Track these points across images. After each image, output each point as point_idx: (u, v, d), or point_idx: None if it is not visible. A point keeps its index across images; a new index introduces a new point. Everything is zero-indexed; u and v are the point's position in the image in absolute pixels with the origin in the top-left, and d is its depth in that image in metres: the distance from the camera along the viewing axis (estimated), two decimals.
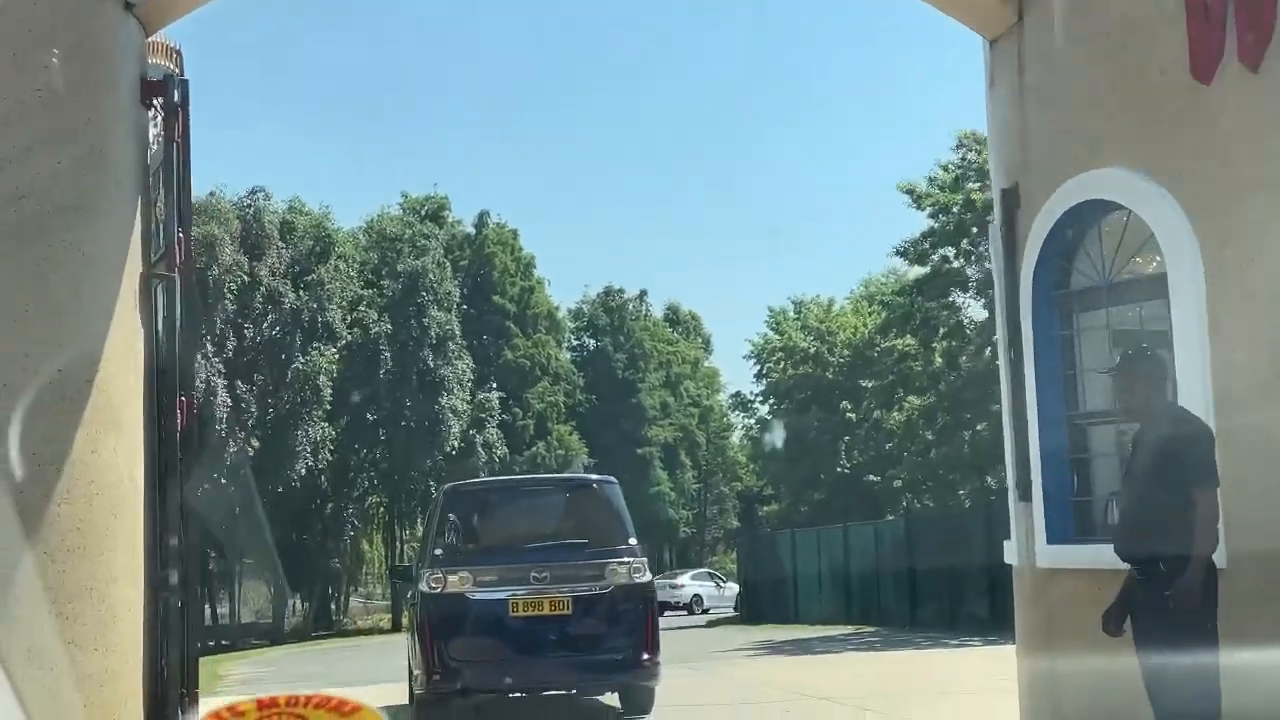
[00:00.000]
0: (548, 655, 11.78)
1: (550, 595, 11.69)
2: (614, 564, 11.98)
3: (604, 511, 12.63)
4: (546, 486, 15.20)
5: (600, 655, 11.87)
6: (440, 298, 56.74)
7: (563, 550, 12.10)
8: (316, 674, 28.57)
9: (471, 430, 57.65)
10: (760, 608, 43.96)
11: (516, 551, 12.08)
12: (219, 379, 48.93)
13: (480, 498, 13.48)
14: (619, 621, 11.93)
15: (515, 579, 11.73)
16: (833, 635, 30.82)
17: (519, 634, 11.67)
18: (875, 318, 45.19)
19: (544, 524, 12.66)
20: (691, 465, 76.12)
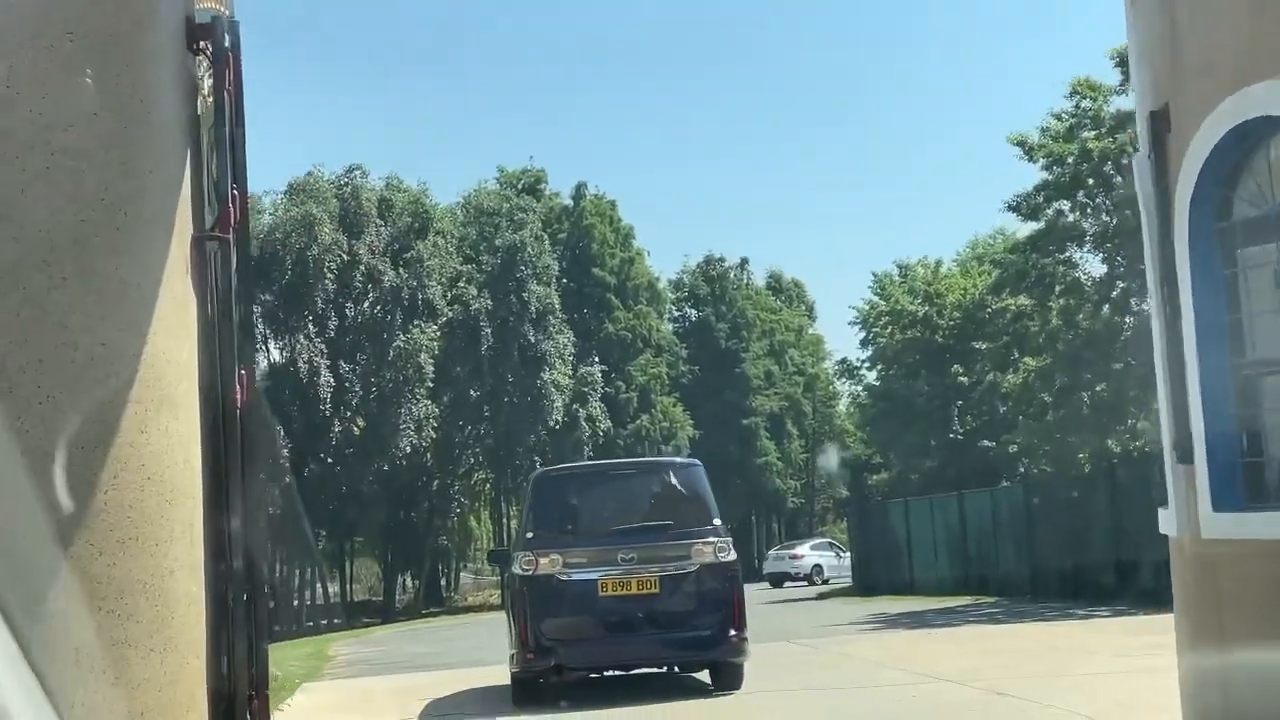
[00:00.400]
0: (637, 633, 12.22)
1: (638, 575, 12.14)
2: (699, 544, 12.38)
3: (688, 493, 13.02)
4: (632, 470, 15.34)
5: (688, 633, 12.23)
6: (539, 271, 56.22)
7: (649, 531, 12.45)
8: (424, 655, 28.16)
9: (574, 405, 57.16)
10: (873, 578, 42.90)
11: (605, 533, 12.49)
12: (321, 359, 48.99)
13: (569, 483, 13.91)
14: (706, 599, 12.29)
15: (604, 560, 12.17)
16: (951, 607, 29.75)
17: (609, 613, 12.17)
18: (986, 278, 43.76)
19: (631, 507, 12.98)
20: (798, 435, 75.00)
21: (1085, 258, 29.74)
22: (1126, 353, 27.86)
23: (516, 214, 57.08)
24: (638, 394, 62.34)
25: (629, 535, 12.43)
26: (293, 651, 34.90)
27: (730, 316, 71.46)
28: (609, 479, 14.24)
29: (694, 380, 68.67)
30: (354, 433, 50.37)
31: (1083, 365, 30.91)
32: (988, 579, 34.03)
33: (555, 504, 13.08)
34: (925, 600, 33.45)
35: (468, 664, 21.14)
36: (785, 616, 31.58)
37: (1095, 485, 29.93)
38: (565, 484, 13.94)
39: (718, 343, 70.41)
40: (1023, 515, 32.39)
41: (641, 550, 12.26)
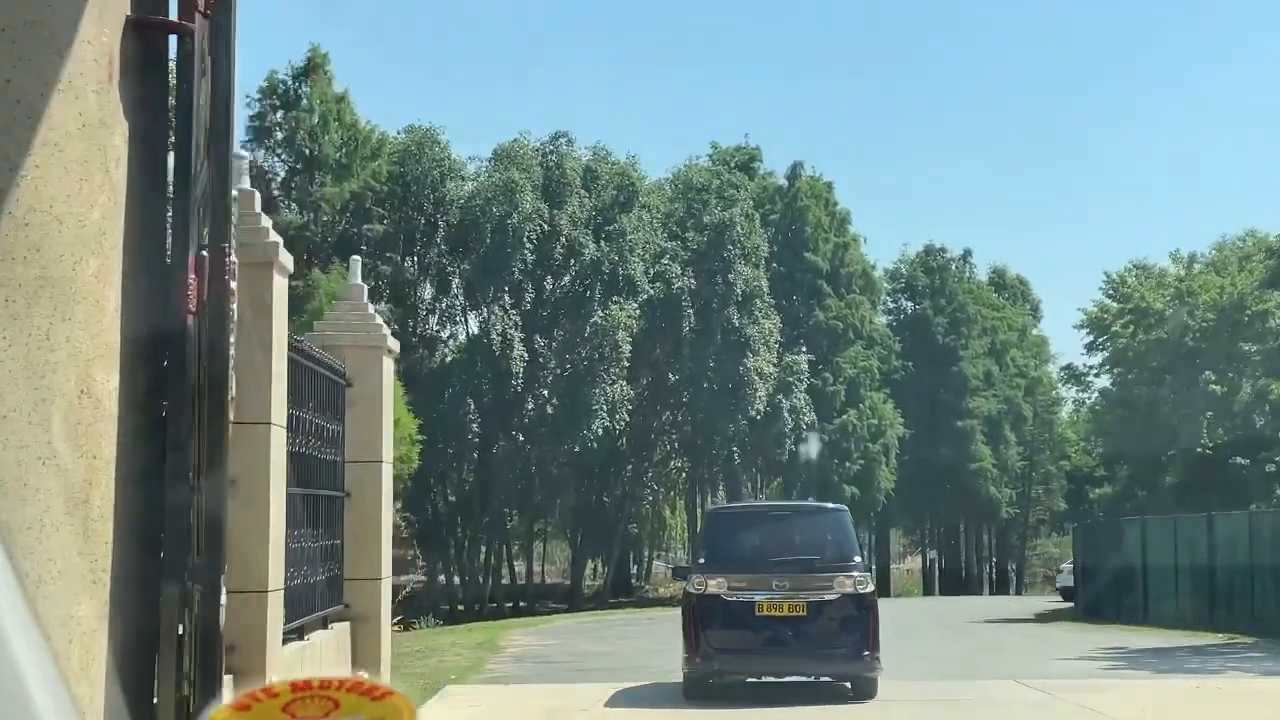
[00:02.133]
0: (786, 647, 14.23)
1: (790, 599, 14.21)
2: (841, 576, 14.38)
3: (835, 533, 15.23)
4: (789, 511, 17.50)
5: (829, 649, 14.22)
6: (748, 252, 53.21)
7: (800, 564, 14.59)
8: (596, 656, 25.69)
9: (778, 394, 54.03)
10: (1100, 603, 38.71)
11: (764, 563, 14.63)
12: (516, 332, 46.92)
13: (737, 518, 16.78)
14: (845, 623, 14.24)
15: (762, 585, 14.31)
16: (1201, 645, 25.76)
17: (763, 629, 14.22)
18: (1248, 275, 39.13)
19: (787, 542, 15.14)
20: (1016, 441, 70.30)
21: None
22: None
23: (727, 190, 54.12)
24: (845, 387, 58.80)
25: (784, 566, 14.62)
26: (465, 638, 32.87)
27: (949, 311, 67.26)
28: (770, 518, 16.71)
29: (906, 376, 64.78)
30: (546, 410, 48.17)
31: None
32: (1238, 615, 29.76)
33: (725, 535, 15.60)
34: (1165, 634, 29.38)
35: (639, 672, 19.21)
36: (1005, 642, 28.00)
37: None
38: (734, 519, 16.91)
39: (934, 338, 66.32)
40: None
41: (793, 579, 14.42)
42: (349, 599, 13.19)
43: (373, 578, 13.48)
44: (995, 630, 33.06)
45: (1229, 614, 30.38)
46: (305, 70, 48.29)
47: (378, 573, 13.53)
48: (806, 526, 16.03)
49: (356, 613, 13.26)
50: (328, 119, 49.03)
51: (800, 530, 15.85)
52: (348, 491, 13.18)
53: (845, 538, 15.35)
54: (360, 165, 49.48)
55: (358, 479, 13.30)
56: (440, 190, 47.94)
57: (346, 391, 13.21)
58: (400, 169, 48.40)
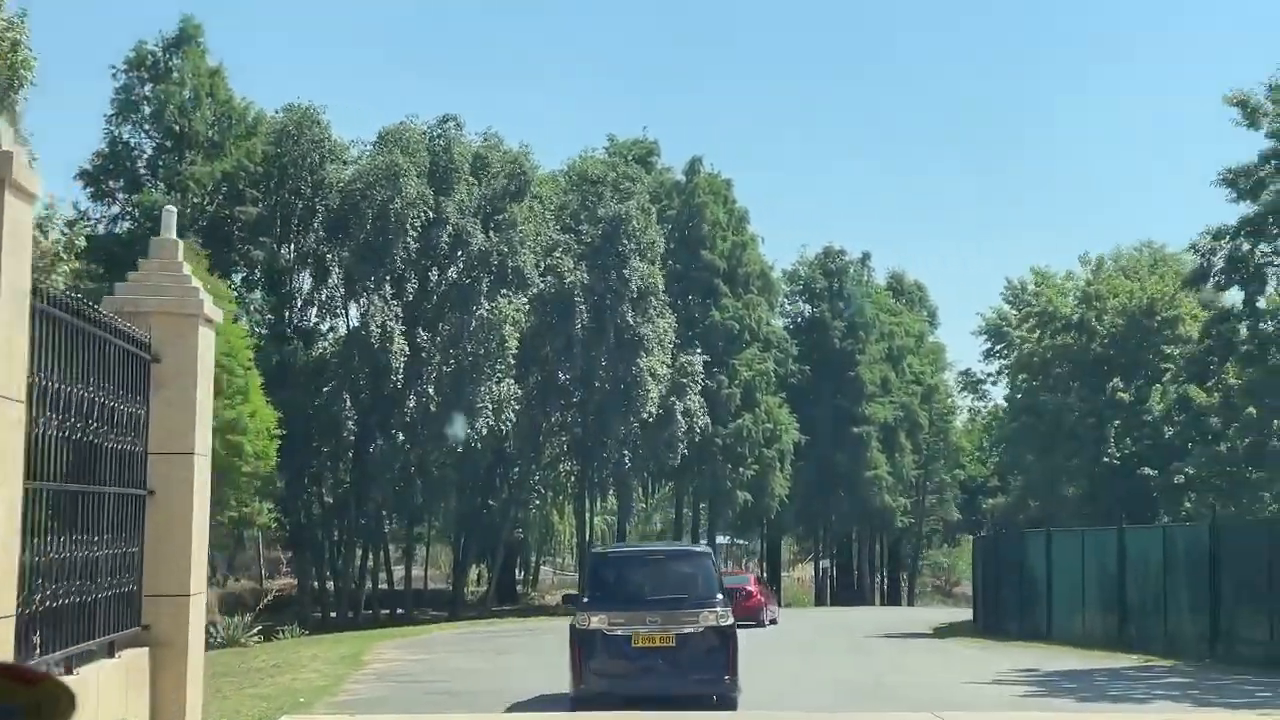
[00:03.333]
0: (658, 674, 16.14)
1: (661, 632, 16.06)
2: (705, 612, 16.26)
3: (701, 574, 17.03)
4: (661, 555, 19.19)
5: (695, 675, 16.18)
6: (643, 248, 51.16)
7: (670, 602, 16.41)
8: (469, 674, 23.46)
9: (671, 396, 52.04)
10: (1000, 619, 37.24)
11: (640, 601, 16.49)
12: (397, 325, 44.35)
13: (617, 562, 18.48)
14: (709, 652, 16.10)
15: (637, 620, 16.17)
16: (1116, 668, 24.13)
17: (638, 659, 16.11)
18: (1160, 281, 37.93)
19: (659, 582, 16.92)
20: (912, 449, 69.08)
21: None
22: None
23: (623, 183, 52.10)
24: (741, 390, 56.98)
25: (656, 604, 16.48)
26: (330, 650, 30.36)
27: (847, 315, 65.81)
28: (645, 561, 18.43)
29: (803, 381, 63.18)
30: (428, 408, 45.66)
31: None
32: (1150, 634, 28.29)
33: (606, 576, 17.45)
34: (1074, 654, 27.78)
35: (511, 700, 17.63)
36: (911, 661, 26.18)
37: None
38: (614, 562, 18.55)
39: (832, 342, 64.81)
40: (1205, 561, 26.59)
41: (664, 614, 16.27)
42: (149, 619, 10.79)
43: (180, 594, 11.05)
44: (897, 647, 31.29)
45: (1140, 633, 28.92)
46: (177, 41, 45.33)
47: (186, 587, 11.10)
48: (676, 568, 17.77)
49: (158, 636, 10.85)
50: (200, 94, 46.15)
51: (670, 571, 17.58)
52: (150, 489, 10.78)
53: (709, 578, 17.15)
54: (234, 144, 46.61)
55: (163, 474, 10.88)
56: (320, 173, 45.22)
57: (152, 368, 10.82)
58: (277, 150, 45.58)
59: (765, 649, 28.66)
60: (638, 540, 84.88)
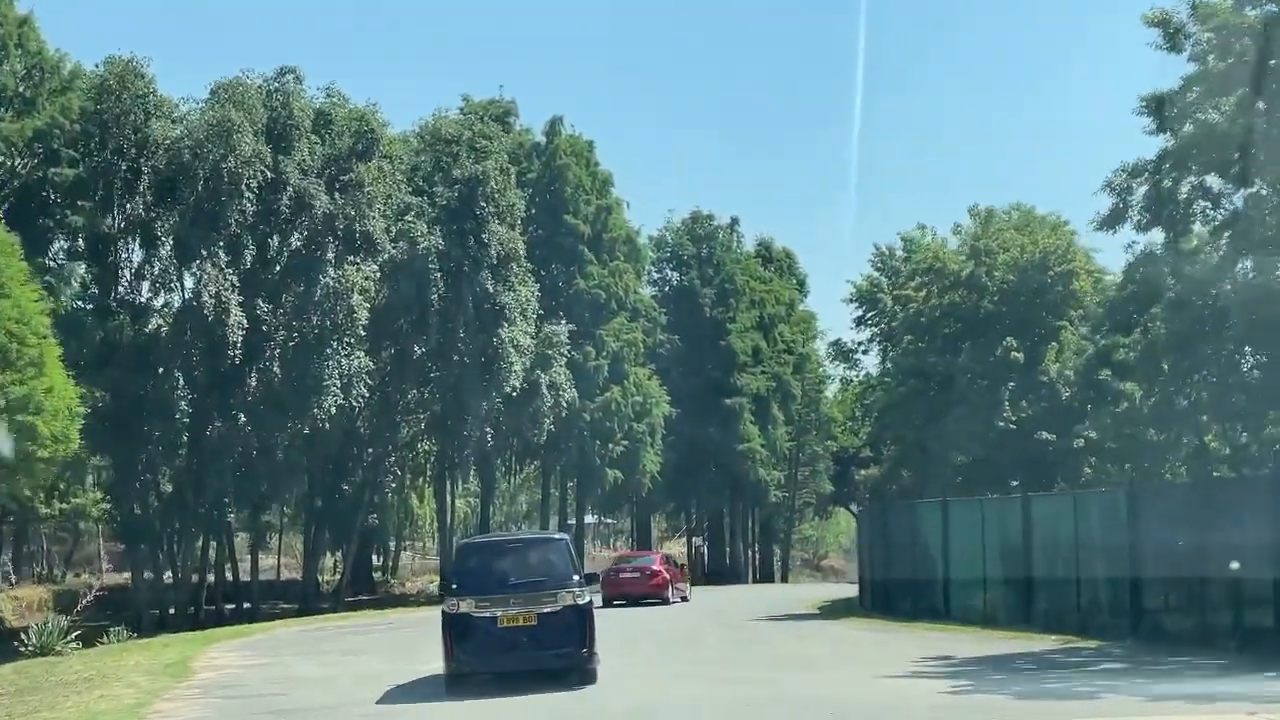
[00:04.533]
0: (522, 650, 17.78)
1: (524, 612, 17.74)
2: (563, 592, 17.83)
3: (559, 558, 18.54)
4: (521, 543, 20.37)
5: (556, 649, 17.77)
6: (503, 211, 47.96)
7: (532, 585, 18.09)
8: (310, 683, 20.46)
9: (536, 369, 49.02)
10: (889, 597, 34.93)
11: (503, 585, 18.06)
12: (233, 295, 40.52)
13: (482, 549, 19.99)
14: (567, 629, 17.72)
15: (501, 603, 17.80)
16: (1038, 653, 21.77)
17: (504, 637, 17.75)
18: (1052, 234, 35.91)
19: (520, 568, 18.52)
20: (785, 420, 66.93)
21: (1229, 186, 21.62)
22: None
23: (479, 142, 48.77)
24: (609, 362, 54.17)
25: (519, 587, 18.07)
26: (155, 656, 26.81)
27: (717, 282, 63.32)
28: (507, 548, 19.62)
29: (673, 351, 60.56)
30: (271, 386, 41.98)
31: (1213, 339, 22.96)
32: (1062, 613, 26.05)
33: (472, 564, 18.78)
34: (982, 636, 25.47)
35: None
36: (807, 651, 23.58)
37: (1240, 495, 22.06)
38: (479, 550, 19.78)
39: (702, 310, 62.29)
40: (1122, 531, 24.39)
41: (526, 596, 17.90)
42: None
43: None
44: (789, 633, 28.71)
45: (1050, 610, 26.65)
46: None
47: None
48: (536, 553, 19.00)
49: None
50: (7, 44, 41.82)
51: (531, 557, 18.84)
52: None
53: (566, 561, 18.40)
54: (48, 99, 42.39)
55: None
56: (144, 131, 41.15)
57: None
58: (97, 106, 41.37)
59: (647, 638, 25.99)
60: (502, 522, 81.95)
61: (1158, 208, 21.94)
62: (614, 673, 18.50)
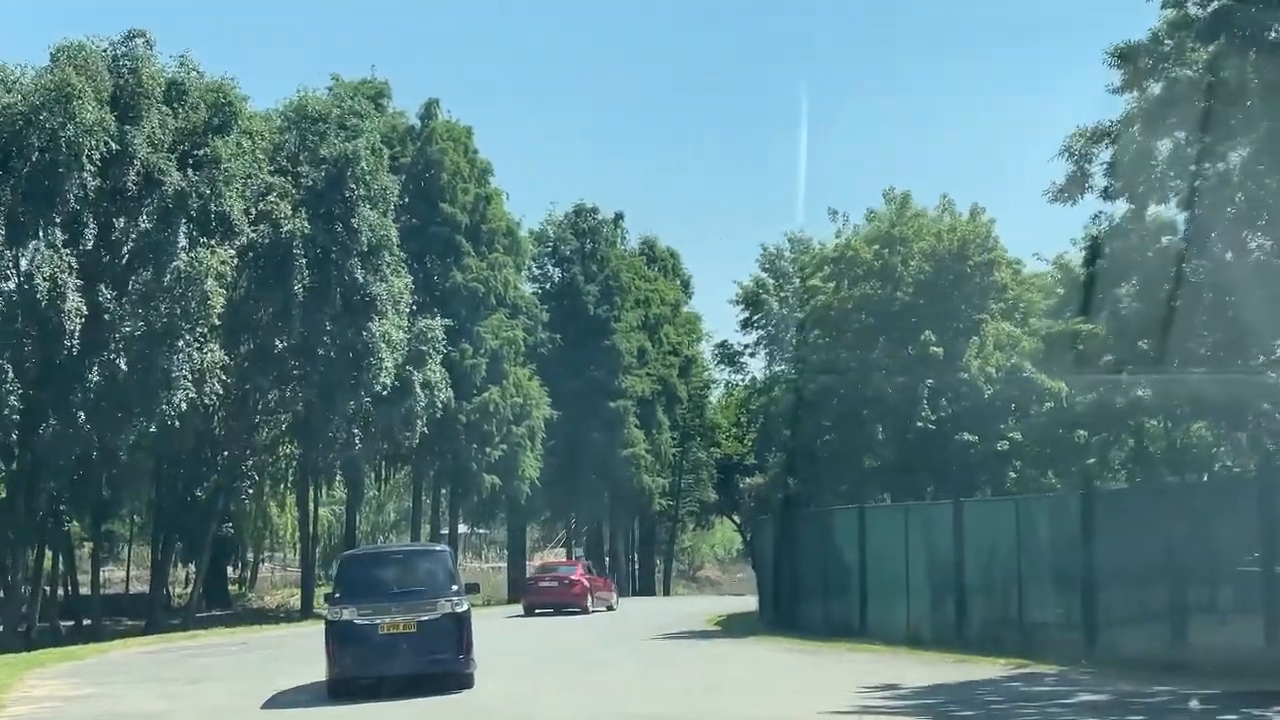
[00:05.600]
0: (403, 655, 18.39)
1: (404, 620, 18.39)
2: (442, 600, 18.59)
3: (438, 568, 19.44)
4: (403, 554, 22.35)
5: (434, 655, 18.48)
6: (374, 195, 44.39)
7: (412, 594, 18.79)
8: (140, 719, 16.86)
9: (409, 366, 45.50)
10: (796, 612, 32.21)
11: (385, 594, 18.80)
12: (70, 278, 36.33)
13: (364, 560, 21.63)
14: (446, 635, 18.49)
15: (383, 611, 18.44)
16: (992, 678, 19.06)
17: (385, 644, 18.37)
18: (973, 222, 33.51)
19: (401, 577, 19.35)
20: (670, 424, 64.10)
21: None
22: None
23: (350, 120, 45.15)
24: (487, 360, 50.80)
25: (399, 595, 18.75)
26: None
27: (601, 279, 60.29)
28: (389, 559, 21.23)
29: (555, 350, 57.39)
30: (114, 381, 37.83)
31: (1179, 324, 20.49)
32: (1001, 632, 23.43)
33: (355, 574, 19.74)
34: (916, 658, 22.70)
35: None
36: (726, 675, 20.58)
37: (1215, 500, 19.63)
38: (362, 561, 21.50)
39: (585, 308, 59.22)
40: (1075, 541, 21.82)
41: (407, 605, 18.53)
42: None
43: None
44: (697, 654, 25.67)
45: (985, 630, 24.03)
46: None
47: None
48: (417, 564, 19.89)
49: None
50: None
51: (412, 568, 19.64)
52: None
53: (446, 571, 19.20)
54: None
55: None
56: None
57: None
58: None
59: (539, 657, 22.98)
60: (368, 532, 77.88)
61: (1132, 174, 19.35)
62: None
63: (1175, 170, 19.41)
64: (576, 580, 42.12)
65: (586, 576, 43.28)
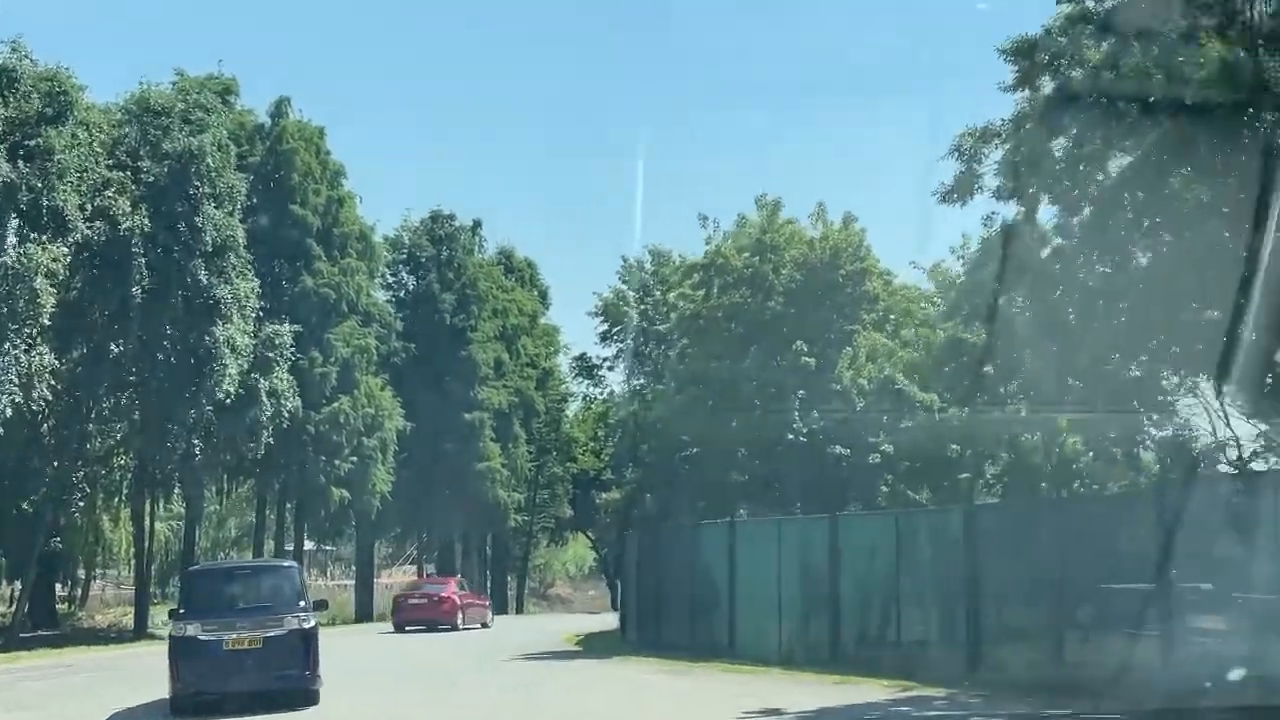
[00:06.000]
0: (247, 672, 18.28)
1: (250, 636, 18.32)
2: (289, 617, 18.55)
3: (286, 585, 19.40)
4: (250, 570, 22.30)
5: (280, 671, 18.35)
6: (220, 193, 42.18)
7: (259, 609, 18.78)
8: None
9: (254, 374, 43.31)
10: (660, 631, 31.05)
11: (231, 610, 18.80)
12: None
13: (210, 576, 21.97)
14: (292, 651, 18.39)
15: (228, 627, 18.44)
16: (878, 702, 18.10)
17: (230, 659, 18.27)
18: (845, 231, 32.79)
19: (248, 593, 19.36)
20: (526, 438, 62.63)
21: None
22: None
23: (195, 114, 42.89)
24: (338, 369, 48.79)
25: (246, 611, 18.75)
26: None
27: (458, 287, 58.57)
28: (236, 575, 21.13)
29: (409, 360, 55.54)
30: None
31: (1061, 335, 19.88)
32: (879, 651, 22.54)
33: (200, 589, 19.85)
34: (792, 679, 21.68)
35: None
36: (598, 703, 19.27)
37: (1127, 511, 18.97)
38: (208, 576, 21.88)
39: (442, 317, 57.43)
40: (957, 557, 21.01)
41: (253, 620, 18.50)
42: None
43: None
44: (560, 676, 24.32)
45: (861, 650, 23.13)
46: None
47: None
48: (264, 580, 19.95)
49: None
50: None
51: (259, 584, 19.75)
52: None
53: (293, 587, 19.35)
54: None
55: None
56: None
57: None
58: None
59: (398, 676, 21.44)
60: (208, 549, 74.78)
61: (1024, 175, 18.56)
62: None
63: (1067, 172, 18.69)
64: (447, 597, 42.05)
65: (458, 594, 43.20)
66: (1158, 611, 17.60)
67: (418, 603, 42.28)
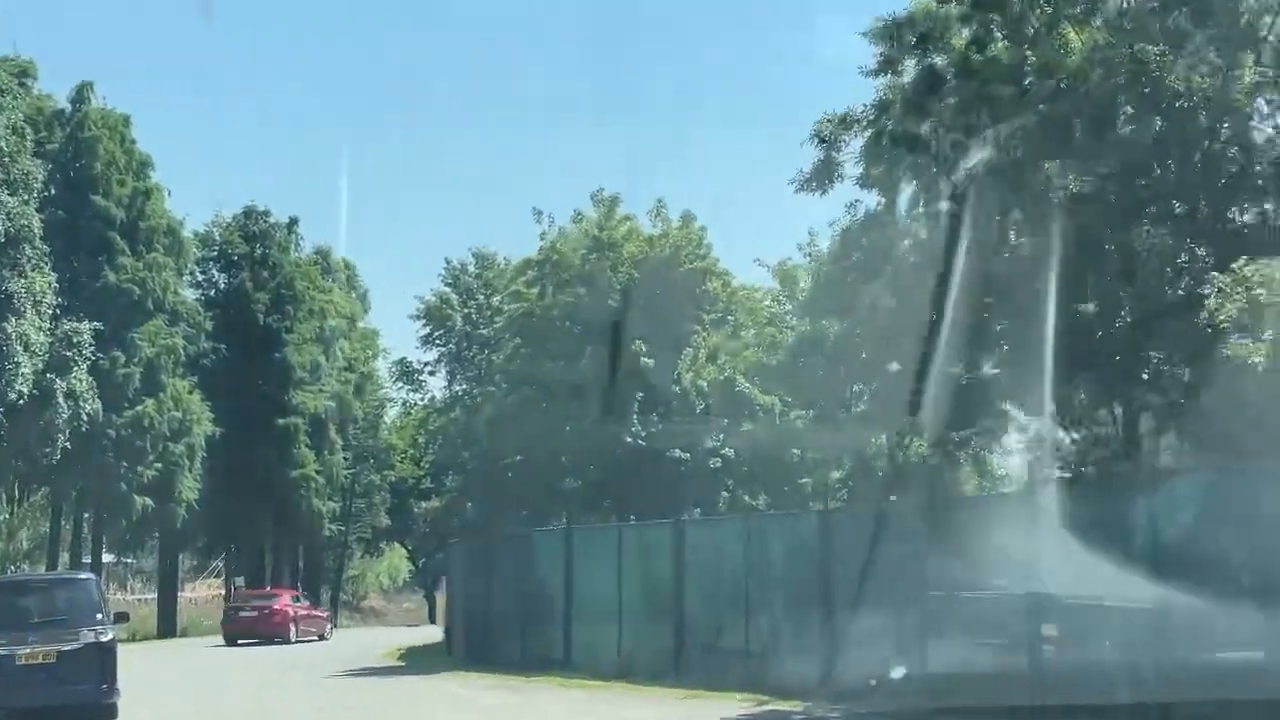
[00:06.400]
0: (42, 687, 17.79)
1: (44, 650, 17.90)
2: (85, 630, 18.13)
3: (83, 597, 18.92)
4: (45, 583, 21.47)
5: (76, 686, 17.89)
6: (15, 179, 39.26)
7: (53, 623, 18.31)
8: None
9: (50, 374, 40.47)
10: (489, 645, 29.53)
11: (24, 624, 18.20)
12: None
13: (4, 588, 21.32)
14: (88, 665, 17.97)
15: (21, 641, 17.89)
16: (731, 718, 16.94)
17: (23, 674, 17.76)
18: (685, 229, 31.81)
19: (43, 607, 18.75)
20: (343, 445, 60.35)
21: None
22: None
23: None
24: (142, 370, 45.96)
25: (40, 625, 18.24)
26: None
27: (273, 286, 56.02)
28: (29, 588, 20.38)
29: (220, 362, 52.83)
30: None
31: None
32: (727, 663, 21.48)
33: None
34: (641, 695, 20.51)
35: None
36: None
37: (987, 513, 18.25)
38: (1, 589, 21.23)
39: (255, 317, 54.80)
40: (811, 566, 20.09)
41: (46, 634, 18.02)
42: None
43: None
44: (381, 693, 22.70)
45: (707, 661, 22.04)
46: None
47: None
48: (59, 593, 19.45)
49: None
50: None
51: (54, 597, 19.22)
52: None
53: (91, 600, 18.90)
54: None
55: None
56: None
57: None
58: None
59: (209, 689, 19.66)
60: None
61: (887, 162, 17.75)
62: None
63: (934, 159, 17.92)
64: (279, 609, 41.58)
65: (292, 605, 42.85)
66: (1007, 619, 17.01)
67: (249, 615, 41.37)
